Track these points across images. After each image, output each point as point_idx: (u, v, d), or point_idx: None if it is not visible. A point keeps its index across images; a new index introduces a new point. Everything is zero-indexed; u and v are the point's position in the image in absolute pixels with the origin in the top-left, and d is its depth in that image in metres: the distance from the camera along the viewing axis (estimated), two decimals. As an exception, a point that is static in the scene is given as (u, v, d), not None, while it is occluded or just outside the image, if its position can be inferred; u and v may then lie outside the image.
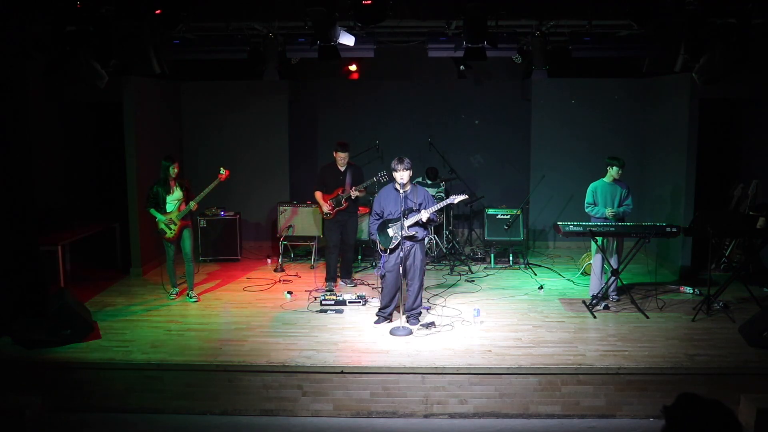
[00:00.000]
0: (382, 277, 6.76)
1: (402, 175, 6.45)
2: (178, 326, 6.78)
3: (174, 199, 7.38)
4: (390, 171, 6.62)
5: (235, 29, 7.51)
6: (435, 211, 6.48)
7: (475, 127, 10.63)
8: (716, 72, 5.94)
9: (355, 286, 8.13)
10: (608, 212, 7.18)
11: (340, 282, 8.09)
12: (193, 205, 7.35)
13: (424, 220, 6.42)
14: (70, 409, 5.78)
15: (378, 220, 6.65)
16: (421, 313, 6.84)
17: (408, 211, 6.50)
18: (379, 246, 6.62)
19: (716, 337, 6.35)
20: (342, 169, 7.87)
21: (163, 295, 7.79)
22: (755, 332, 6.07)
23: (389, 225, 6.55)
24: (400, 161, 6.44)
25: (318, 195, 7.93)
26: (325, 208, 7.82)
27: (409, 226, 6.47)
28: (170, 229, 7.37)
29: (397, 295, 6.66)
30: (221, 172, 7.44)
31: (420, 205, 6.50)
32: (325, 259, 8.24)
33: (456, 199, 6.56)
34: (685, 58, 6.14)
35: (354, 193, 7.73)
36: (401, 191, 6.52)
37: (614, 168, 7.24)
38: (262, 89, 9.94)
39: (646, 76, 9.31)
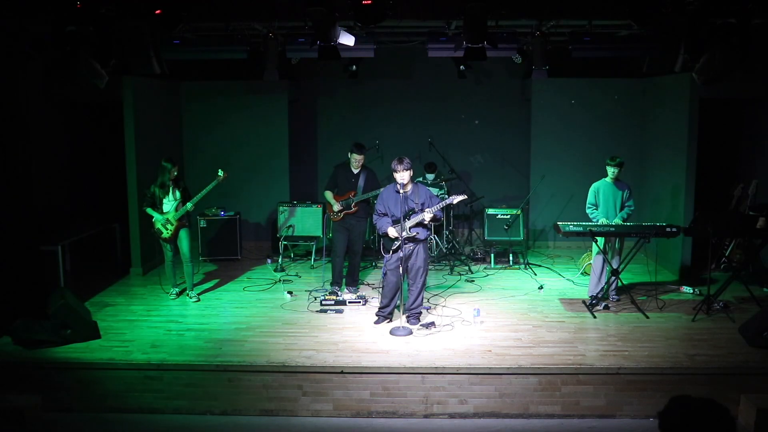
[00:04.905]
0: (385, 275, 6.76)
1: (402, 176, 6.44)
2: (178, 326, 6.78)
3: (172, 200, 7.37)
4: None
5: (235, 29, 7.50)
6: (438, 209, 6.47)
7: (475, 127, 10.63)
8: (716, 72, 5.94)
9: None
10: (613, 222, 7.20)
11: (345, 288, 7.95)
12: (190, 206, 7.35)
13: (427, 220, 6.41)
14: (70, 409, 5.78)
15: (381, 216, 6.65)
16: (421, 313, 6.83)
17: (410, 212, 6.50)
18: (382, 247, 6.64)
19: (716, 337, 6.35)
20: (356, 171, 7.62)
21: (163, 295, 7.78)
22: (755, 332, 6.07)
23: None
24: (400, 161, 6.43)
25: (329, 194, 7.70)
26: (336, 207, 7.56)
27: (410, 227, 6.47)
28: (167, 229, 7.36)
29: (396, 295, 6.66)
30: (219, 174, 7.44)
31: (422, 204, 6.50)
32: (330, 262, 8.10)
33: (455, 199, 6.54)
34: (685, 58, 6.14)
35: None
36: (401, 191, 6.52)
37: (610, 168, 7.24)
38: (262, 89, 9.94)
39: (646, 76, 9.32)
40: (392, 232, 6.49)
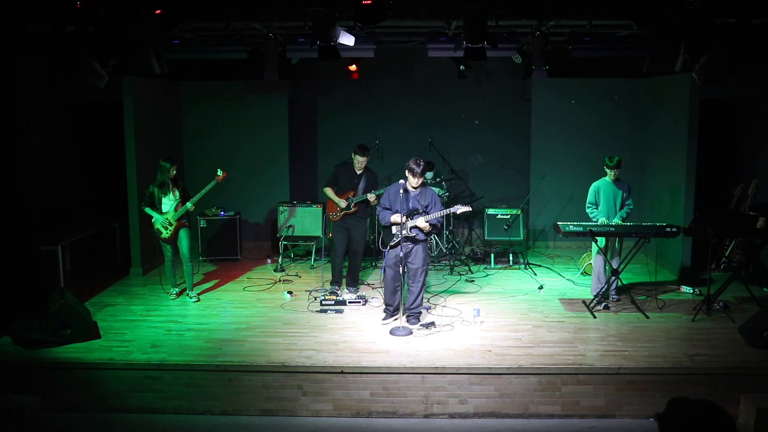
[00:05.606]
0: (384, 272, 6.76)
1: (418, 181, 6.47)
2: (178, 326, 6.78)
3: (171, 200, 7.37)
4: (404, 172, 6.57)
5: (235, 29, 7.50)
6: (437, 218, 6.47)
7: (475, 127, 10.63)
8: (716, 72, 5.94)
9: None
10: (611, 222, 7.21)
11: (345, 288, 7.95)
12: (189, 206, 7.35)
13: (420, 226, 6.41)
14: (70, 409, 5.78)
15: (384, 209, 6.66)
16: (421, 312, 6.84)
17: (413, 212, 6.50)
18: (381, 242, 6.66)
19: (716, 337, 6.35)
20: (358, 172, 7.61)
21: (163, 295, 7.78)
22: (755, 332, 6.07)
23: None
24: (417, 164, 6.41)
25: (329, 191, 7.68)
26: (342, 203, 7.53)
27: (411, 227, 6.46)
28: (166, 229, 7.36)
29: (398, 292, 6.65)
30: (218, 173, 7.45)
31: (426, 207, 6.51)
32: (330, 262, 8.11)
33: (459, 209, 6.55)
34: (685, 58, 6.14)
35: (371, 197, 7.44)
36: (403, 191, 6.51)
37: (609, 169, 7.25)
38: (262, 89, 9.94)
39: (646, 76, 9.32)
40: (396, 218, 6.48)
